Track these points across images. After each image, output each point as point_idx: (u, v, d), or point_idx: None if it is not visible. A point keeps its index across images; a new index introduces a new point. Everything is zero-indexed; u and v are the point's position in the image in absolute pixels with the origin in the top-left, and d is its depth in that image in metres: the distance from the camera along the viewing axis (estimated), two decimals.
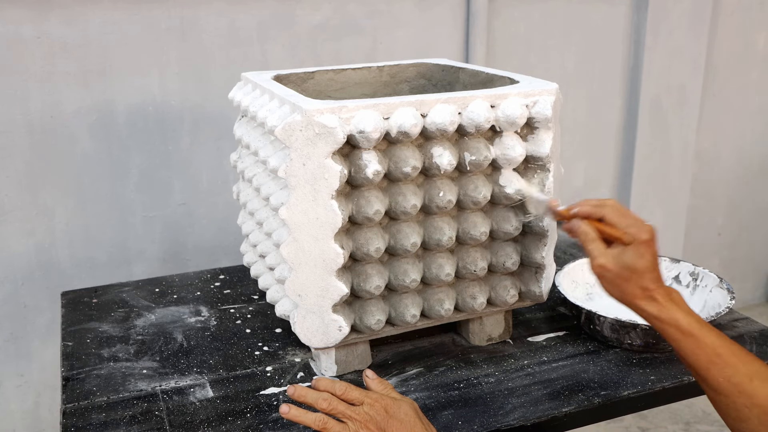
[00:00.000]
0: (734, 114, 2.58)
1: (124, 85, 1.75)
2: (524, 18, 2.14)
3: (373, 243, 1.01)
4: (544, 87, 1.07)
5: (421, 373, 1.11)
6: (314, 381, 0.95)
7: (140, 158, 1.81)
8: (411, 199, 1.01)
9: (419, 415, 0.91)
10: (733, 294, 1.20)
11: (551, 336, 1.22)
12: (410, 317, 1.08)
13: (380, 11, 1.95)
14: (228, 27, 1.80)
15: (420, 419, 0.90)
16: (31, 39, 1.65)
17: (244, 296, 1.37)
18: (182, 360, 1.15)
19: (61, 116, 1.72)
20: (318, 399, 0.91)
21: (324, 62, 1.90)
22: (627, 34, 2.31)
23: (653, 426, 2.20)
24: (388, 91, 1.33)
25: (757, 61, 2.55)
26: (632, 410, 1.08)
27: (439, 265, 1.07)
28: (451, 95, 1.02)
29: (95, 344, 1.20)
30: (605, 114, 2.37)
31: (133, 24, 1.72)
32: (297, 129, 0.95)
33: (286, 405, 0.91)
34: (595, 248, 0.92)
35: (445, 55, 2.04)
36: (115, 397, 1.05)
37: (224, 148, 1.86)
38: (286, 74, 1.25)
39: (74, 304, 1.34)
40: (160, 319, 1.29)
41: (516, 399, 1.04)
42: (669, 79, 2.36)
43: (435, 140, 1.02)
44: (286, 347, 1.19)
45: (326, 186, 0.96)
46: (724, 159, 2.63)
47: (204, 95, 1.82)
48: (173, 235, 1.89)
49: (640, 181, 2.43)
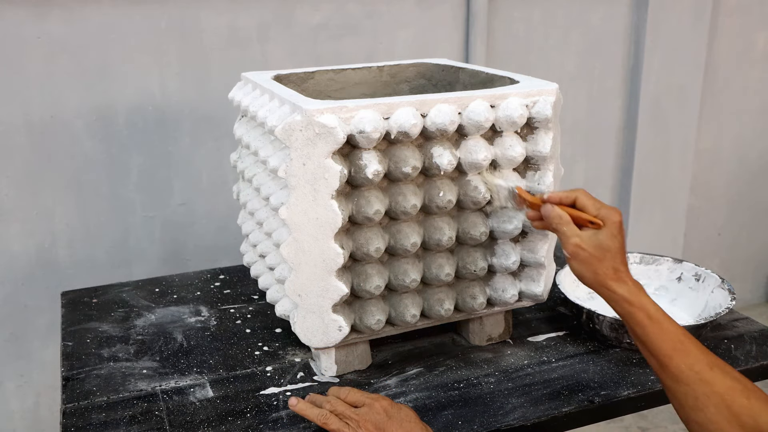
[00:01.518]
0: (734, 114, 2.58)
1: (124, 85, 1.75)
2: (524, 18, 2.14)
3: (373, 243, 1.01)
4: (544, 87, 1.07)
5: (421, 373, 1.11)
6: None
7: (140, 158, 1.81)
8: (411, 199, 1.01)
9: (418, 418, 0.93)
10: (734, 294, 1.20)
11: (551, 336, 1.22)
12: (410, 317, 1.08)
13: (380, 11, 1.95)
14: (228, 27, 1.80)
15: (419, 422, 0.92)
16: (31, 39, 1.65)
17: (244, 296, 1.37)
18: (182, 360, 1.15)
19: (61, 116, 1.72)
20: (321, 402, 0.96)
21: (324, 62, 1.90)
22: (627, 34, 2.31)
23: (653, 426, 2.20)
24: (388, 91, 1.33)
25: (757, 61, 2.55)
26: (632, 410, 1.08)
27: (439, 265, 1.07)
28: (451, 95, 1.02)
29: (95, 344, 1.20)
30: (605, 114, 2.37)
31: (133, 24, 1.72)
32: (297, 129, 0.95)
33: (294, 398, 0.97)
34: (569, 230, 0.95)
35: (445, 55, 2.04)
36: (115, 397, 1.05)
37: (224, 148, 1.86)
38: (286, 74, 1.25)
39: (74, 304, 1.34)
40: (160, 319, 1.29)
41: (516, 399, 1.04)
42: (669, 79, 2.36)
43: (435, 140, 1.02)
44: (286, 347, 1.19)
45: (326, 186, 0.96)
46: (724, 159, 2.63)
47: (204, 95, 1.82)
48: (173, 235, 1.89)
49: (640, 181, 2.43)
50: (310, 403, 0.97)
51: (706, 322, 1.13)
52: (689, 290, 1.29)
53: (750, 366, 1.13)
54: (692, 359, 0.85)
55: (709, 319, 1.14)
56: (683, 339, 0.87)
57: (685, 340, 0.87)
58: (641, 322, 0.89)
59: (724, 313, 1.16)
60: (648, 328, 0.88)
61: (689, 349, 0.86)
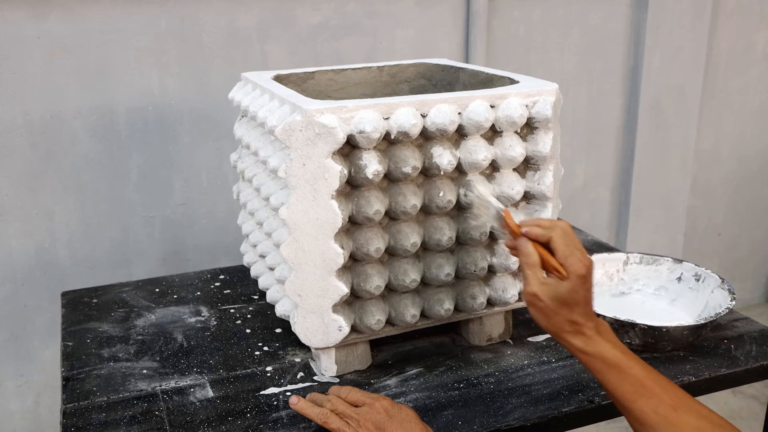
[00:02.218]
0: (734, 114, 2.58)
1: (124, 85, 1.75)
2: (524, 18, 2.14)
3: (373, 243, 1.01)
4: (544, 87, 1.07)
5: (421, 373, 1.11)
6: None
7: (140, 158, 1.81)
8: (411, 199, 1.01)
9: (419, 418, 0.93)
10: (734, 295, 1.20)
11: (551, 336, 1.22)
12: (410, 317, 1.08)
13: (380, 11, 1.95)
14: (228, 27, 1.80)
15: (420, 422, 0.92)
16: (31, 39, 1.65)
17: (244, 296, 1.37)
18: (182, 360, 1.15)
19: (61, 116, 1.72)
20: (322, 401, 0.97)
21: (324, 62, 1.90)
22: (627, 34, 2.31)
23: None
24: (388, 91, 1.33)
25: (757, 61, 2.55)
26: None
27: (439, 265, 1.07)
28: (451, 95, 1.02)
29: (95, 344, 1.20)
30: (605, 114, 2.37)
31: (133, 24, 1.72)
32: (297, 129, 0.95)
33: (295, 396, 0.98)
34: (532, 275, 0.89)
35: (445, 55, 2.04)
36: (115, 397, 1.05)
37: (224, 148, 1.86)
38: (286, 74, 1.25)
39: (74, 304, 1.34)
40: (160, 319, 1.29)
41: (516, 399, 1.04)
42: (669, 79, 2.36)
43: (435, 140, 1.02)
44: (286, 347, 1.19)
45: (326, 186, 0.96)
46: (724, 159, 2.63)
47: (204, 95, 1.82)
48: (173, 235, 1.89)
49: (640, 181, 2.43)
50: (310, 402, 0.97)
51: (706, 322, 1.13)
52: (689, 290, 1.29)
53: (750, 366, 1.13)
54: (655, 402, 0.84)
55: (709, 320, 1.13)
56: (645, 382, 0.85)
57: (647, 382, 0.85)
58: (600, 369, 0.88)
59: (724, 314, 1.16)
60: (606, 375, 0.87)
61: (652, 390, 0.84)
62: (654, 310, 1.29)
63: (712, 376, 1.10)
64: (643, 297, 1.33)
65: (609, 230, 2.52)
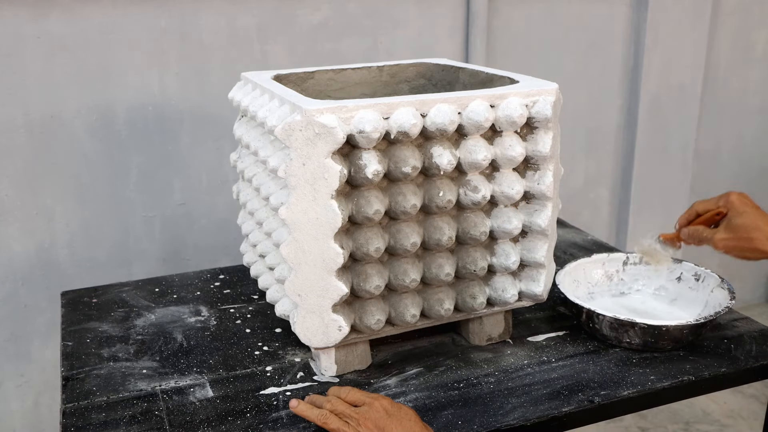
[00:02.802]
0: (734, 114, 2.58)
1: (124, 85, 1.75)
2: (524, 18, 2.14)
3: (373, 243, 1.01)
4: (543, 87, 1.07)
5: (421, 373, 1.11)
6: None
7: (140, 158, 1.81)
8: (411, 199, 1.01)
9: (418, 418, 0.93)
10: (733, 294, 1.20)
11: (551, 336, 1.22)
12: (410, 317, 1.08)
13: (380, 11, 1.95)
14: (228, 27, 1.80)
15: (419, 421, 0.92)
16: (31, 39, 1.65)
17: (244, 296, 1.37)
18: (182, 360, 1.15)
19: (61, 116, 1.72)
20: (322, 402, 0.97)
21: (324, 62, 1.90)
22: (627, 34, 2.31)
23: (653, 426, 2.20)
24: (388, 91, 1.33)
25: (757, 61, 2.55)
26: (632, 410, 1.08)
27: (439, 265, 1.07)
28: (451, 95, 1.02)
29: (95, 344, 1.20)
30: (605, 114, 2.37)
31: (133, 24, 1.72)
32: (297, 129, 0.95)
33: (295, 400, 0.98)
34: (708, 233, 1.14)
35: (445, 55, 2.04)
36: (115, 397, 1.05)
37: (224, 148, 1.86)
38: (286, 74, 1.25)
39: (74, 304, 1.34)
40: (160, 319, 1.29)
41: (516, 399, 1.04)
42: (669, 79, 2.36)
43: (435, 140, 1.02)
44: (286, 347, 1.19)
45: (326, 186, 0.96)
46: (724, 159, 2.63)
47: (204, 95, 1.82)
48: (173, 235, 1.89)
49: (640, 181, 2.43)
50: (310, 404, 0.97)
51: (705, 322, 1.13)
52: (689, 290, 1.29)
53: (750, 366, 1.13)
54: None
55: (709, 318, 1.13)
56: None
57: None
58: None
59: (724, 312, 1.16)
60: None
61: None
62: (654, 310, 1.29)
63: (712, 376, 1.10)
64: (643, 297, 1.33)
65: (609, 230, 2.52)
